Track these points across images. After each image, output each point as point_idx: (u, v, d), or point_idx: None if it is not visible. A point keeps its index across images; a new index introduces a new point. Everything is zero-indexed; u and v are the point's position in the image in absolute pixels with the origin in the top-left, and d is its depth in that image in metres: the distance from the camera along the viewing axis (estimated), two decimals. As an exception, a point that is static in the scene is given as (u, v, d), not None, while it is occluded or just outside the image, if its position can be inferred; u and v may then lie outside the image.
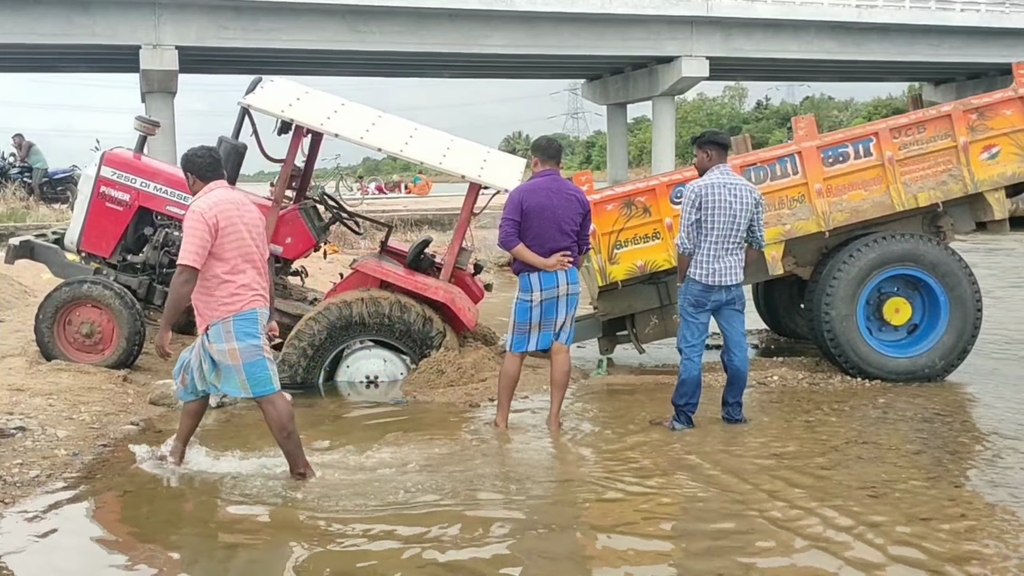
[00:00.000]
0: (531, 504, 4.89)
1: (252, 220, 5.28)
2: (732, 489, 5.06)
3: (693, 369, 6.25)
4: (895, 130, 7.57)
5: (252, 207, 5.36)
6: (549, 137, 6.42)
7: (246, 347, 5.08)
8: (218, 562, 4.35)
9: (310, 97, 7.99)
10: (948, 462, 5.49)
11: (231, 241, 5.08)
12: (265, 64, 39.90)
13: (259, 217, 5.41)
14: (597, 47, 37.91)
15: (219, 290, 5.07)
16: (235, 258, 5.11)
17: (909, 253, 7.46)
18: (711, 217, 6.08)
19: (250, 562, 4.37)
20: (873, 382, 7.44)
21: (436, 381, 7.36)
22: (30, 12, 32.04)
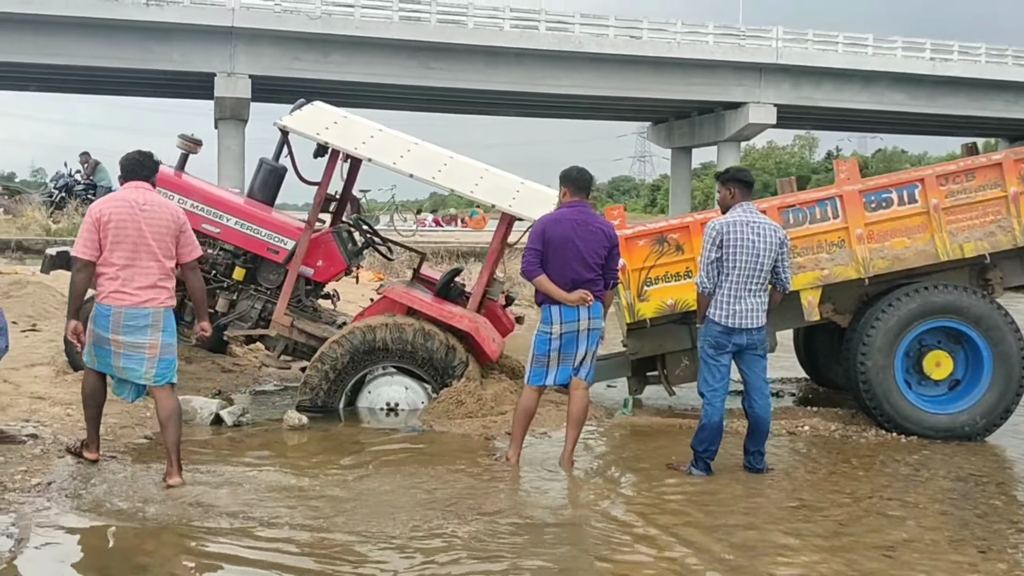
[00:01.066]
0: (511, 543, 4.71)
1: (154, 220, 5.45)
2: (739, 542, 4.82)
3: (714, 414, 6.02)
4: (942, 177, 7.31)
5: (161, 209, 5.52)
6: (580, 167, 6.30)
7: (92, 331, 5.47)
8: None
9: (348, 122, 8.02)
10: (975, 525, 5.18)
11: (115, 238, 5.35)
12: (334, 96, 40.53)
13: (168, 218, 5.52)
14: (662, 90, 37.91)
15: (100, 279, 5.43)
16: (120, 254, 5.36)
17: (952, 305, 7.16)
18: (732, 256, 5.90)
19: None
20: (910, 438, 7.12)
21: (455, 411, 7.23)
22: (112, 38, 33.19)
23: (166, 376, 5.58)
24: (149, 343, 5.45)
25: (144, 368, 5.49)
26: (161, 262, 5.45)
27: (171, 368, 5.62)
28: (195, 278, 5.72)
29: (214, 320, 8.06)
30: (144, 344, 5.45)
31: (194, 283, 5.73)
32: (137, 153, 5.68)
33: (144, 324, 5.43)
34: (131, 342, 5.43)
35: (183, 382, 8.00)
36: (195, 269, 5.70)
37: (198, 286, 5.76)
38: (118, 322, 5.40)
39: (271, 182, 8.55)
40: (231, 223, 7.95)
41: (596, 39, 36.87)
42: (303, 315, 8.02)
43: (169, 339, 5.57)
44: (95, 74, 36.27)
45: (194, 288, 5.75)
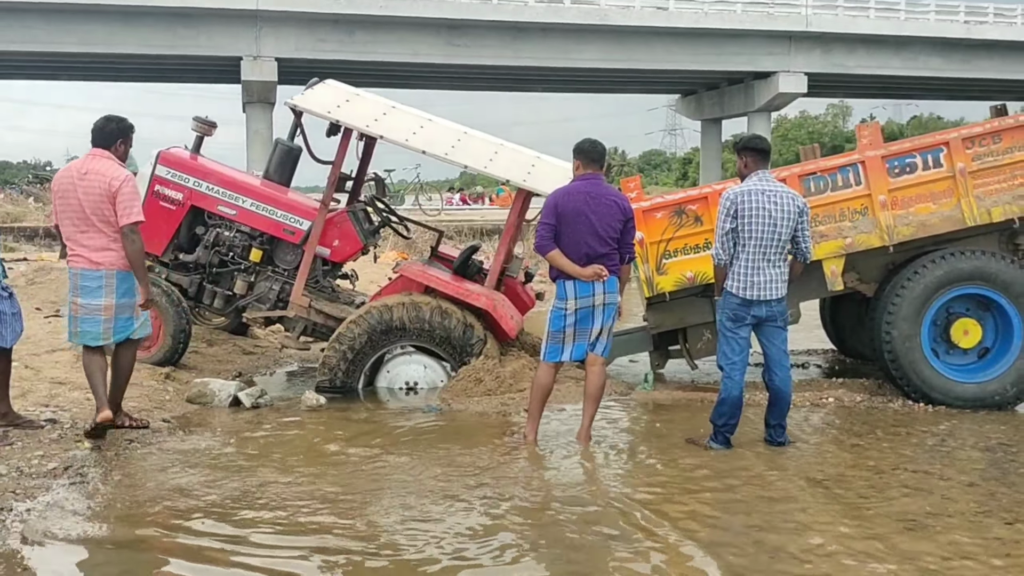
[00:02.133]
0: (525, 522, 4.64)
1: (90, 188, 5.62)
2: (757, 518, 4.72)
3: (733, 388, 5.91)
4: (968, 140, 7.10)
5: (97, 176, 5.64)
6: (592, 139, 6.17)
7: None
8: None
9: (360, 99, 7.95)
10: (1003, 496, 5.03)
11: (61, 206, 5.73)
12: (361, 76, 40.53)
13: (102, 185, 5.62)
14: (691, 62, 37.52)
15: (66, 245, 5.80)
16: (67, 221, 5.71)
17: (979, 271, 6.97)
18: (749, 226, 5.76)
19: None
20: (938, 408, 6.97)
21: (473, 389, 7.19)
22: (139, 24, 33.36)
23: (124, 332, 5.83)
24: (104, 305, 5.70)
25: (100, 329, 5.74)
26: (99, 228, 5.65)
27: (128, 325, 5.85)
28: (128, 244, 5.70)
29: (233, 302, 8.09)
30: (99, 306, 5.70)
31: (127, 248, 5.71)
32: (101, 120, 5.87)
33: (97, 285, 5.68)
34: (87, 304, 5.70)
35: (204, 364, 8.09)
36: (129, 235, 5.68)
37: (131, 252, 5.71)
38: (76, 284, 5.73)
39: (287, 163, 8.53)
40: (247, 205, 7.94)
41: (622, 11, 36.47)
42: (321, 295, 8.00)
43: (124, 299, 5.78)
44: (124, 61, 36.54)
45: (128, 254, 5.73)
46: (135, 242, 5.70)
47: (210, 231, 8.05)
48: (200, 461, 5.58)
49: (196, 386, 7.10)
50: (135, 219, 5.68)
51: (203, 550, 4.26)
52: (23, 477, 5.10)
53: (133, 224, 5.67)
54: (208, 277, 8.10)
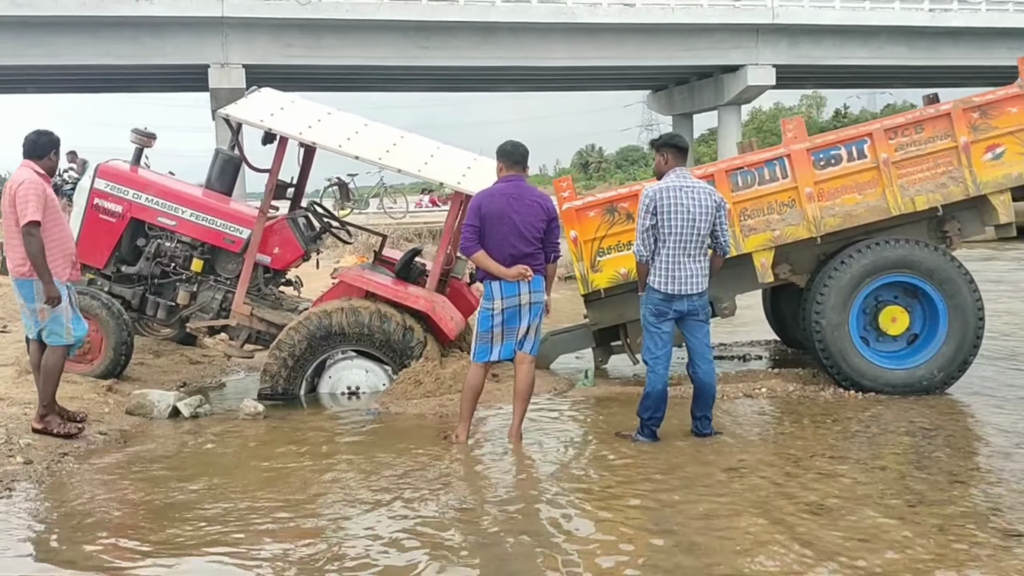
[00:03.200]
0: (450, 524, 4.71)
1: (8, 198, 6.05)
2: (673, 508, 4.82)
3: (658, 382, 6.01)
4: (891, 130, 7.22)
5: (8, 186, 6.09)
6: (515, 141, 6.26)
7: None
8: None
9: (296, 107, 8.01)
10: (913, 478, 5.15)
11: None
12: (330, 81, 40.62)
13: (8, 193, 6.05)
14: (660, 57, 37.59)
15: None
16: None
17: (904, 259, 7.10)
18: (668, 222, 5.86)
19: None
20: (868, 395, 7.09)
21: (413, 392, 7.26)
22: (105, 34, 33.19)
23: (43, 338, 6.23)
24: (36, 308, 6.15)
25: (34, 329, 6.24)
26: (13, 233, 6.02)
27: (41, 329, 6.19)
28: (25, 244, 5.97)
29: (176, 313, 8.14)
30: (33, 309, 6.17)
31: (25, 248, 5.98)
32: (32, 134, 6.23)
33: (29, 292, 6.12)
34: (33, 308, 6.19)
35: (149, 376, 8.13)
36: (25, 236, 5.94)
37: (27, 251, 5.98)
38: (35, 291, 6.13)
39: (228, 172, 8.58)
40: (186, 215, 7.99)
41: (590, 9, 36.54)
42: (263, 303, 8.06)
43: (28, 304, 6.17)
44: (91, 72, 36.37)
45: (26, 253, 6.00)
46: (30, 242, 5.93)
47: (151, 242, 8.09)
48: (132, 474, 5.64)
49: (135, 397, 7.15)
50: (29, 219, 5.90)
51: (124, 569, 4.27)
52: (-54, 492, 5.14)
53: (28, 224, 5.90)
54: (151, 288, 8.14)
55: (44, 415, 6.29)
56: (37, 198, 5.99)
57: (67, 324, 6.18)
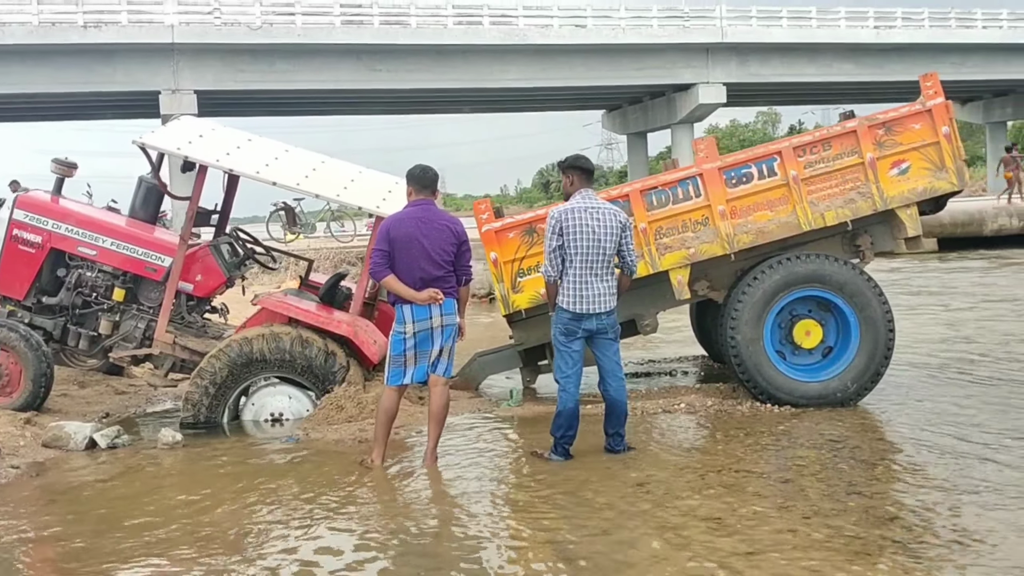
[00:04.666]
0: (357, 550, 4.72)
1: None
2: (576, 520, 4.86)
3: (569, 400, 6.07)
4: (799, 148, 7.36)
5: None
6: (424, 165, 6.30)
7: None
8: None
9: (216, 134, 8.01)
10: (812, 491, 5.23)
11: None
12: (283, 105, 40.59)
13: None
14: (611, 77, 38.01)
15: None
16: None
17: (814, 274, 7.22)
18: (574, 242, 5.94)
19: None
20: (784, 408, 7.19)
21: (335, 417, 7.25)
22: (53, 62, 32.97)
23: None
24: None
25: None
26: None
27: None
28: None
29: (99, 343, 8.08)
30: None
31: None
32: None
33: None
34: None
35: (71, 407, 8.06)
36: None
37: None
38: None
39: (151, 199, 8.56)
40: (107, 244, 7.95)
41: (541, 30, 36.93)
42: (188, 331, 8.03)
43: None
44: (43, 100, 36.06)
45: None
46: None
47: (72, 272, 8.05)
48: (38, 508, 5.58)
49: (51, 429, 7.06)
50: None
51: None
52: None
53: None
54: (72, 319, 8.08)
55: None
56: None
57: None
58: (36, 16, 32.74)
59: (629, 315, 7.73)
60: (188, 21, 34.36)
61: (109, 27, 33.23)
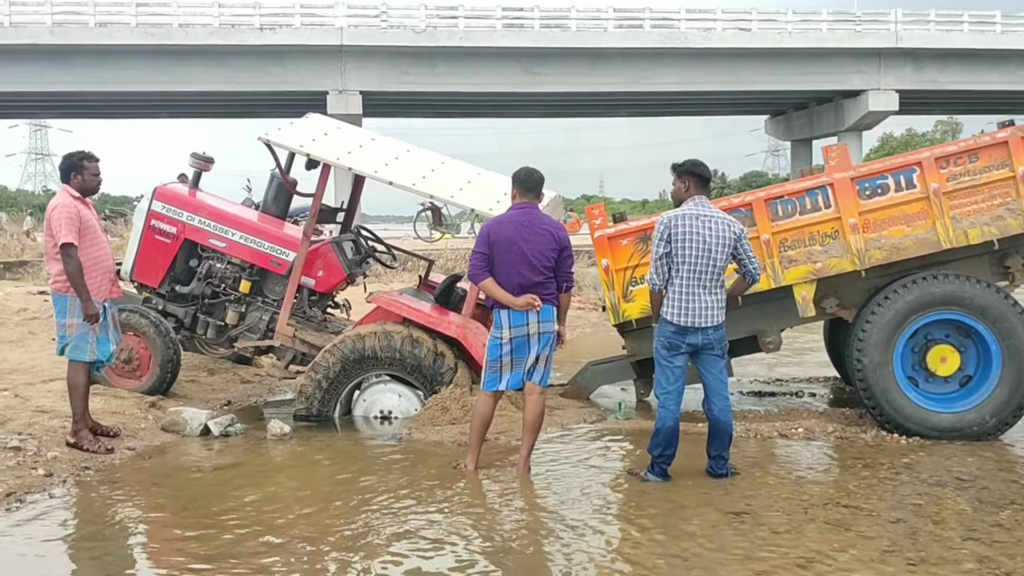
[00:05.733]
0: (441, 557, 4.63)
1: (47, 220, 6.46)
2: (665, 553, 4.60)
3: (668, 418, 5.78)
4: (942, 159, 6.81)
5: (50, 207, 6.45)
6: (531, 168, 6.15)
7: None
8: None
9: (340, 133, 8.13)
10: (924, 534, 4.77)
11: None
12: (443, 107, 41.37)
13: (47, 215, 6.41)
14: (775, 82, 36.92)
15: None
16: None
17: (952, 296, 6.66)
18: (682, 251, 5.65)
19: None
20: (913, 439, 6.66)
21: (440, 418, 7.21)
22: (229, 63, 34.72)
23: (65, 353, 6.49)
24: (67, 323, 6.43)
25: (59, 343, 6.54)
26: (51, 253, 6.39)
27: (65, 344, 6.46)
28: (64, 263, 6.26)
29: (225, 332, 8.33)
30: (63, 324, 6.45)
31: (64, 267, 6.27)
32: (62, 158, 6.65)
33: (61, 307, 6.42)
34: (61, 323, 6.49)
35: (197, 393, 8.33)
36: (63, 255, 6.24)
37: (67, 271, 6.27)
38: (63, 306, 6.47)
39: (282, 196, 8.78)
40: (236, 237, 8.18)
41: (703, 34, 36.26)
42: (308, 325, 8.17)
43: (58, 318, 6.47)
44: (217, 98, 38.12)
45: (64, 272, 6.29)
46: (67, 262, 6.22)
47: (203, 263, 8.33)
48: (147, 491, 5.77)
49: (170, 415, 7.33)
50: (62, 241, 6.20)
51: None
52: (-30, 500, 5.35)
53: (63, 246, 6.21)
54: (202, 308, 8.36)
55: (76, 430, 6.52)
56: (68, 220, 6.25)
57: (91, 342, 6.40)
58: (217, 19, 34.60)
59: (751, 330, 7.38)
60: (356, 24, 35.55)
61: (283, 29, 34.81)
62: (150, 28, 34.10)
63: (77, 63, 33.96)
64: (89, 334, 6.42)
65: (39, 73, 34.23)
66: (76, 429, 6.53)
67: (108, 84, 34.75)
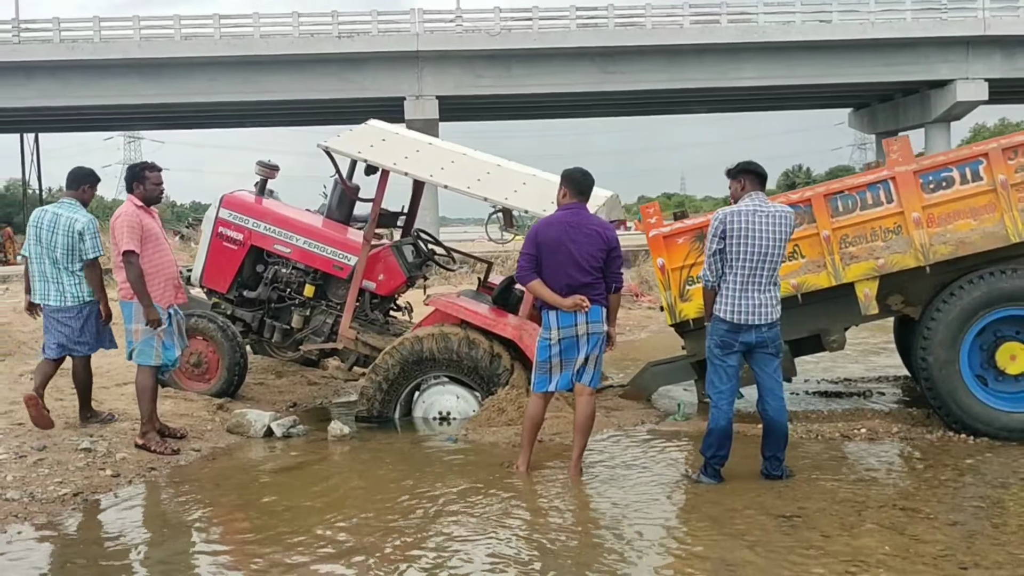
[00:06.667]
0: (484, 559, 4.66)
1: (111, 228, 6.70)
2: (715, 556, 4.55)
3: (721, 418, 5.71)
4: (1009, 150, 6.56)
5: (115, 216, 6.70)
6: (584, 170, 6.14)
7: None
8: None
9: (397, 138, 8.22)
10: (981, 538, 4.62)
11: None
12: (518, 109, 41.47)
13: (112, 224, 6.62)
14: (858, 74, 36.07)
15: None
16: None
17: (1022, 291, 6.41)
18: (737, 247, 5.56)
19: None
20: (981, 440, 6.44)
21: (496, 419, 7.24)
22: (309, 71, 35.40)
23: (132, 357, 6.71)
24: (132, 329, 6.66)
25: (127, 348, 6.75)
26: (117, 261, 6.57)
27: (132, 349, 6.67)
28: (126, 270, 6.50)
29: (291, 335, 8.51)
30: (130, 330, 6.67)
31: (126, 274, 6.51)
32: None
33: (127, 313, 6.66)
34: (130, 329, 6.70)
35: (264, 395, 8.52)
36: (125, 263, 6.49)
37: (129, 278, 6.51)
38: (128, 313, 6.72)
39: (345, 201, 8.93)
40: (300, 243, 8.35)
41: (782, 27, 35.60)
42: (371, 328, 8.29)
43: (126, 324, 6.66)
44: (298, 106, 38.88)
45: (127, 279, 6.52)
46: (129, 270, 6.47)
47: (269, 269, 8.52)
48: (198, 491, 5.93)
49: (235, 416, 7.51)
50: (124, 248, 6.46)
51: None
52: (32, 502, 5.56)
53: (124, 253, 6.47)
54: (268, 312, 8.56)
55: (145, 432, 6.73)
56: (130, 229, 6.47)
57: (157, 347, 6.60)
58: (296, 28, 35.33)
59: (814, 329, 7.23)
60: (432, 30, 35.89)
61: (360, 37, 35.34)
62: (232, 40, 34.98)
63: (165, 75, 35.01)
64: (154, 339, 6.62)
65: (129, 86, 35.41)
66: (144, 431, 6.74)
67: (194, 95, 35.75)
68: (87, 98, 35.84)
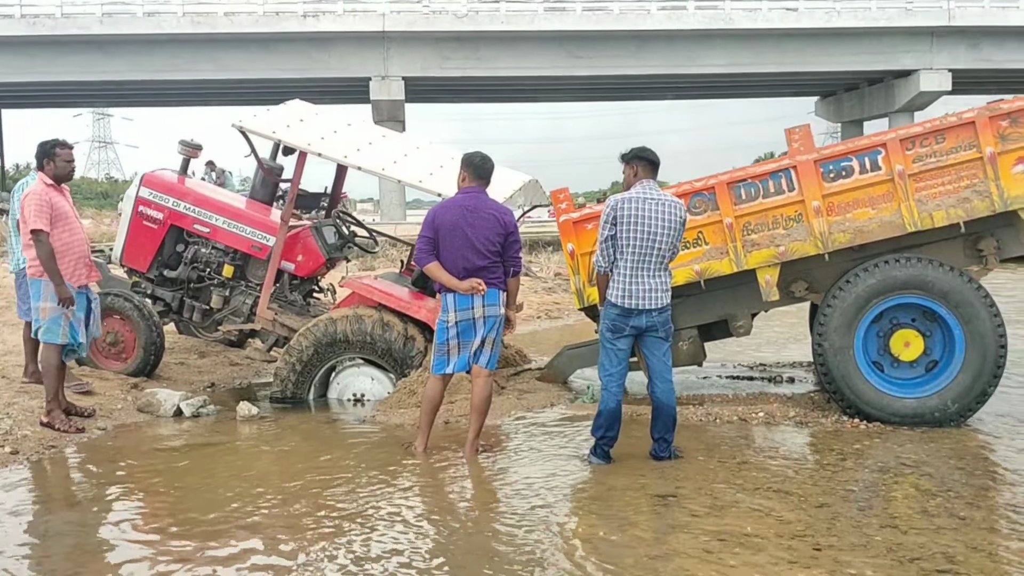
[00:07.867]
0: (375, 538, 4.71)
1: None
2: (584, 535, 4.63)
3: (610, 400, 5.79)
4: (907, 140, 6.66)
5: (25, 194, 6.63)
6: (484, 155, 6.18)
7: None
8: None
9: (317, 119, 8.21)
10: (844, 519, 4.72)
11: None
12: (485, 92, 41.38)
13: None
14: (823, 63, 36.13)
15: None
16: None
17: (915, 279, 6.53)
18: (627, 233, 5.63)
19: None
20: (874, 425, 6.56)
21: (407, 401, 7.29)
22: (274, 50, 35.08)
23: (39, 335, 6.68)
24: (40, 307, 6.60)
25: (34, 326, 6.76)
26: (26, 238, 6.58)
27: (39, 327, 6.64)
28: (36, 248, 6.45)
29: (210, 316, 8.52)
30: (38, 308, 6.63)
31: (36, 252, 6.46)
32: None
33: (36, 291, 6.62)
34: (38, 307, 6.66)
35: (183, 375, 8.53)
36: (35, 241, 6.44)
37: (39, 256, 6.45)
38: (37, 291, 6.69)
39: (268, 182, 8.93)
40: (219, 223, 8.35)
41: (749, 15, 35.57)
42: (290, 309, 8.31)
43: (33, 302, 6.67)
44: (264, 86, 38.47)
45: (37, 258, 6.47)
46: (39, 248, 6.44)
47: (189, 248, 8.51)
48: (90, 470, 5.94)
49: (145, 396, 7.52)
50: (31, 227, 6.40)
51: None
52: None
53: (32, 232, 6.40)
54: (188, 292, 8.55)
55: (50, 410, 6.73)
56: (39, 207, 6.44)
57: (64, 326, 6.57)
58: (261, 7, 35.01)
59: (721, 314, 7.33)
60: (399, 10, 35.64)
61: (326, 16, 35.02)
62: (196, 17, 34.58)
63: (127, 52, 34.58)
64: (62, 318, 6.59)
65: (91, 63, 34.96)
66: (49, 409, 6.74)
67: (157, 72, 35.34)
68: (50, 74, 35.37)
